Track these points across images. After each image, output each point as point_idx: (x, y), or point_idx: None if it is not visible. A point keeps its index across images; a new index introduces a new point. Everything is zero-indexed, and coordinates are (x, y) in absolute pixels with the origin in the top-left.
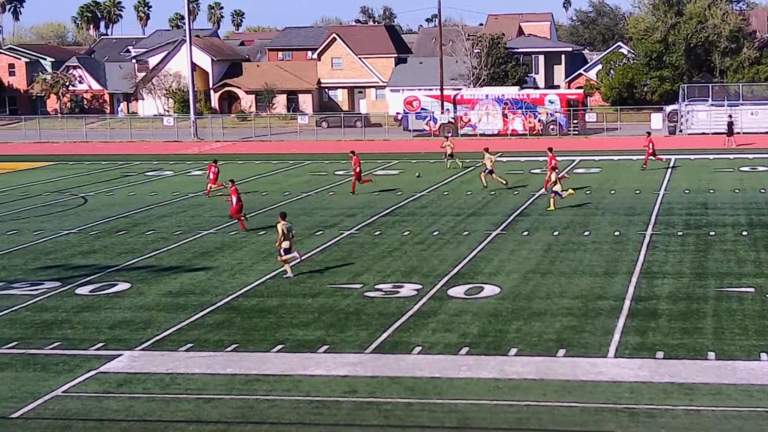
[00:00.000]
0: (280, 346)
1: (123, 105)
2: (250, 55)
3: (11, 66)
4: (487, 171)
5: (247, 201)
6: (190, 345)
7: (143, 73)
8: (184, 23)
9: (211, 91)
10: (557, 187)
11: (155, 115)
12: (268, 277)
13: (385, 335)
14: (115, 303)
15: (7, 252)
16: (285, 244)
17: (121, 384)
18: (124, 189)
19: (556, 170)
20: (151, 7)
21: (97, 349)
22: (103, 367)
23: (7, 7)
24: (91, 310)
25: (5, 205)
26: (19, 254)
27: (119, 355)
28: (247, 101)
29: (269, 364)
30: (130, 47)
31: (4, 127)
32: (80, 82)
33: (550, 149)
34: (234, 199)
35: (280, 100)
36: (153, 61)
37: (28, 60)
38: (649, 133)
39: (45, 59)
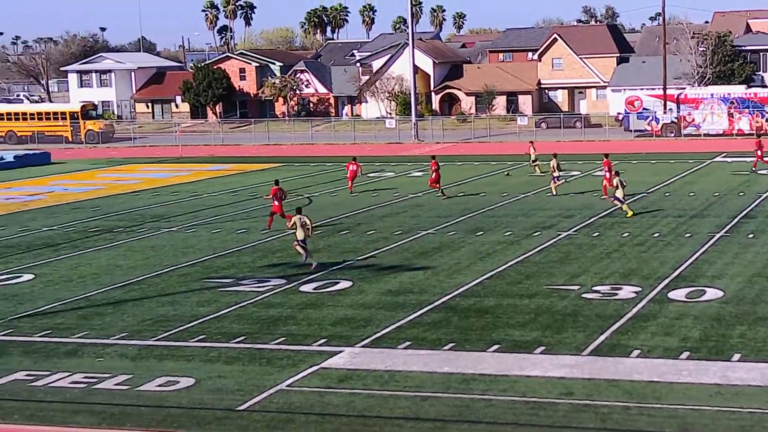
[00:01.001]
0: (496, 346)
1: (347, 108)
2: (471, 57)
3: (242, 70)
4: (554, 177)
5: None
6: (408, 343)
7: (367, 77)
8: (407, 27)
9: (432, 93)
10: (619, 193)
11: (378, 118)
12: (485, 277)
13: (602, 338)
14: (337, 300)
15: (236, 250)
16: (300, 235)
17: (342, 380)
18: (348, 190)
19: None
20: (375, 11)
21: (319, 345)
22: (325, 362)
23: (239, 13)
24: (314, 307)
25: (236, 204)
26: (248, 252)
27: (340, 352)
28: (467, 103)
29: (485, 364)
30: (354, 51)
31: (235, 130)
32: (307, 86)
33: (606, 155)
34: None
35: (500, 102)
36: (376, 64)
37: (257, 65)
38: None
39: (274, 64)
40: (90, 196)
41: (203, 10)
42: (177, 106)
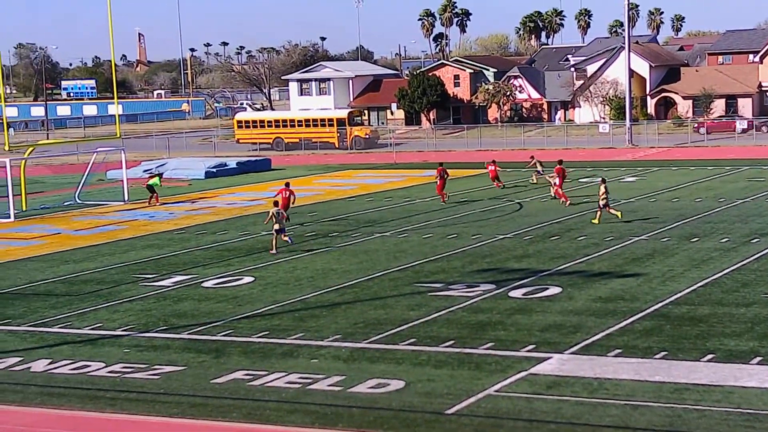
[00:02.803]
0: (710, 356)
1: (560, 113)
2: (688, 59)
3: (456, 77)
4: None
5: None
6: (618, 351)
7: (581, 81)
8: (623, 30)
9: (648, 97)
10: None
11: (591, 122)
12: (699, 284)
13: None
14: (546, 306)
15: (446, 255)
16: (276, 226)
17: (551, 386)
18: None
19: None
20: (591, 15)
21: (528, 351)
22: (533, 368)
23: (455, 20)
24: (523, 312)
25: (446, 210)
26: (458, 257)
27: (549, 358)
28: (683, 107)
29: (699, 374)
30: (569, 56)
31: (448, 136)
32: (520, 91)
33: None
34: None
35: (718, 105)
36: (591, 68)
37: (471, 71)
38: None
39: (488, 70)
40: (307, 201)
41: (419, 19)
42: (392, 113)
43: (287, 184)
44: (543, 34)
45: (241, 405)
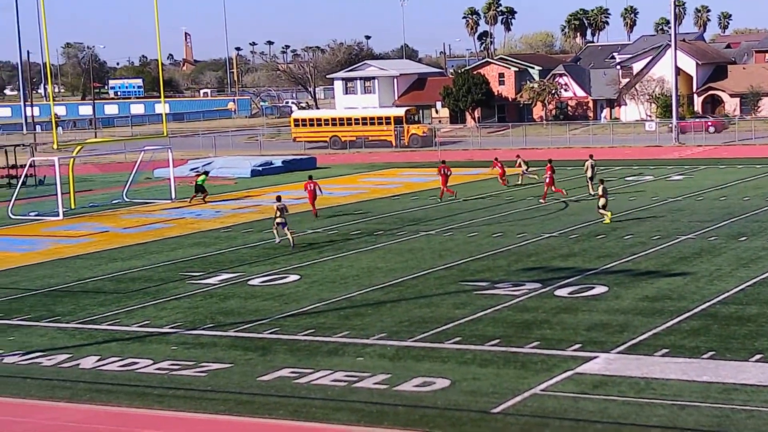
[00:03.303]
0: (758, 356)
1: (606, 111)
2: (736, 57)
3: (501, 75)
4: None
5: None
6: (665, 350)
7: (627, 79)
8: (670, 28)
9: (694, 95)
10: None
11: (637, 121)
12: (747, 284)
13: None
14: (592, 305)
15: (492, 253)
16: (279, 219)
17: (597, 386)
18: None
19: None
20: (637, 13)
21: (574, 350)
22: (579, 368)
23: (500, 19)
24: (569, 311)
25: (493, 208)
26: (504, 256)
27: (595, 357)
28: (731, 105)
29: (747, 374)
30: (614, 53)
31: (493, 134)
32: (565, 89)
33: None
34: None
35: (766, 103)
36: (637, 66)
37: (516, 69)
38: None
39: (533, 68)
40: (352, 199)
41: (464, 17)
42: (437, 112)
43: (310, 177)
44: (588, 31)
45: (287, 402)
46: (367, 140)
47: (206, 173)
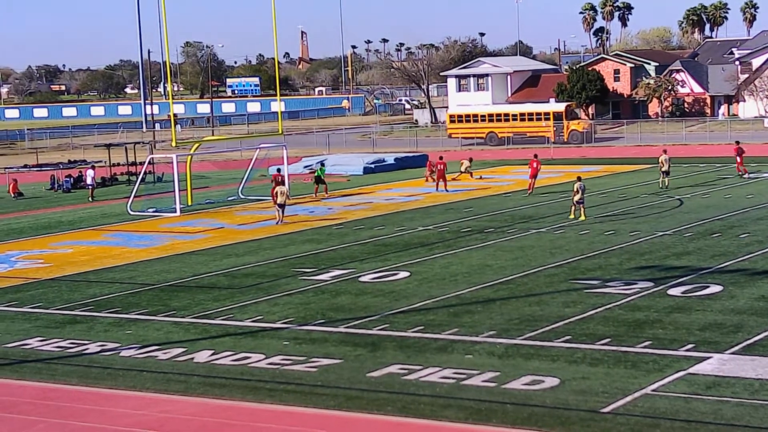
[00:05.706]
0: None
1: (723, 107)
2: None
3: (616, 71)
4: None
5: None
6: None
7: (746, 75)
8: None
9: None
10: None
11: (756, 117)
12: None
13: None
14: (707, 305)
15: (604, 251)
16: (280, 200)
17: (710, 386)
18: (720, 191)
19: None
20: (758, 7)
21: (686, 351)
22: (692, 368)
23: (616, 14)
24: (682, 311)
25: (605, 206)
26: (615, 254)
27: (708, 358)
28: None
29: None
30: (733, 49)
31: (607, 131)
32: (682, 85)
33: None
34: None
35: None
36: (756, 62)
37: (632, 65)
38: None
39: (649, 64)
40: (463, 197)
41: (581, 12)
42: None
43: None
44: (707, 27)
45: (396, 399)
46: (525, 136)
47: (322, 164)
